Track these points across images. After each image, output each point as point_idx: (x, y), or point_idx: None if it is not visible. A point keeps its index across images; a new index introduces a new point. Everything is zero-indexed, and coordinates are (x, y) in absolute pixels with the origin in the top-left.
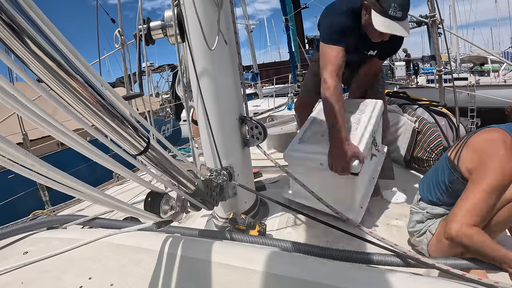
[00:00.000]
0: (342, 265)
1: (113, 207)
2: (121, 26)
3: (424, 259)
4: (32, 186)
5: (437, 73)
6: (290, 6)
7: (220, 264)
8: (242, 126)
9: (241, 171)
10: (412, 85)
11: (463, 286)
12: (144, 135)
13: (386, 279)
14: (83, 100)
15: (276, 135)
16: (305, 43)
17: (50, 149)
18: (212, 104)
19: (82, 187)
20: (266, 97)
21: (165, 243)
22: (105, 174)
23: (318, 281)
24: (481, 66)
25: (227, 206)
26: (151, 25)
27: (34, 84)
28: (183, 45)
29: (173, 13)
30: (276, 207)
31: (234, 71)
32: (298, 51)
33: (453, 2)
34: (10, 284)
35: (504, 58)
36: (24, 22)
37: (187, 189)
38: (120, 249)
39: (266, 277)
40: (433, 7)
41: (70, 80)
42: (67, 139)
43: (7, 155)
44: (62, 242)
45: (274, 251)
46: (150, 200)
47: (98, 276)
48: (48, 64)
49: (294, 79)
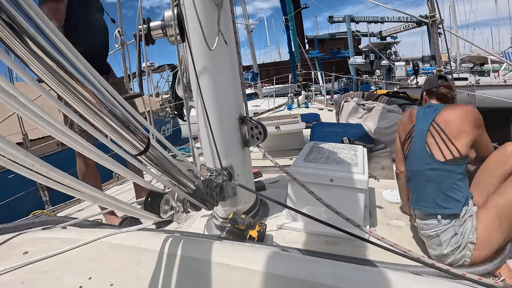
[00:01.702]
0: (342, 265)
1: (113, 207)
2: (121, 26)
3: (424, 259)
4: (32, 186)
5: (437, 73)
6: (290, 6)
7: (220, 264)
8: (242, 126)
9: (241, 171)
10: (412, 85)
11: (463, 286)
12: (144, 135)
13: (386, 279)
14: (83, 100)
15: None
16: (305, 43)
17: (50, 149)
18: (212, 104)
19: (82, 187)
20: (266, 97)
21: (165, 243)
22: (105, 174)
23: (318, 281)
24: (481, 66)
25: (227, 206)
26: (151, 25)
27: (34, 84)
28: (183, 45)
29: (173, 13)
30: (276, 207)
31: (234, 71)
32: (298, 51)
33: (453, 2)
34: (10, 284)
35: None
36: (24, 22)
37: (187, 189)
38: (120, 249)
39: (266, 277)
40: (433, 7)
41: (70, 80)
42: (67, 139)
43: (7, 155)
44: (62, 242)
45: (274, 251)
46: (150, 200)
47: (98, 276)
48: (48, 64)
49: (294, 79)
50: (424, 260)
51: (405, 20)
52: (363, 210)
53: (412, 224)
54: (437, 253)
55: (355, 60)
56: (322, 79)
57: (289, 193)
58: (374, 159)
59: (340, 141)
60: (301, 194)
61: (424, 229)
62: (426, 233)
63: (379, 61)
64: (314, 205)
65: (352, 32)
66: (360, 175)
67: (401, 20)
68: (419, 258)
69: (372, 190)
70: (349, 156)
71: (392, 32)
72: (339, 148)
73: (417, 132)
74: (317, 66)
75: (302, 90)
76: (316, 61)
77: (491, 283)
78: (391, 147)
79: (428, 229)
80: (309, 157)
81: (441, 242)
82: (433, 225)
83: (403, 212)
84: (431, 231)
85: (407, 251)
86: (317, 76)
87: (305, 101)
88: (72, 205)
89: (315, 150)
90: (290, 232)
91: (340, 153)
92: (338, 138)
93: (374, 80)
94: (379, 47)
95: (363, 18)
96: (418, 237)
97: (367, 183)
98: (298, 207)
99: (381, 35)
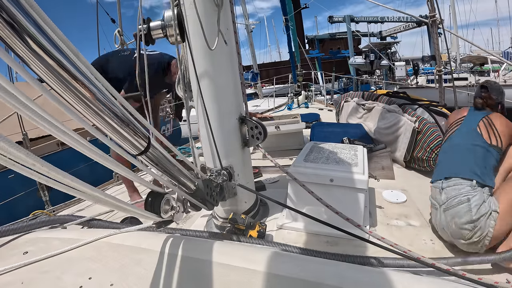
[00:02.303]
0: (343, 265)
1: (113, 207)
2: (121, 26)
3: (424, 259)
4: (32, 186)
5: (437, 73)
6: (290, 6)
7: (220, 264)
8: (242, 126)
9: (241, 171)
10: (412, 85)
11: (463, 286)
12: (145, 135)
13: (387, 278)
14: (84, 100)
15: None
16: (305, 43)
17: (50, 149)
18: (212, 104)
19: (82, 187)
20: (266, 97)
21: (165, 243)
22: (105, 174)
23: (318, 282)
24: (481, 66)
25: (227, 206)
26: (151, 25)
27: (34, 83)
28: (183, 45)
29: (173, 13)
30: (276, 207)
31: (234, 71)
32: (298, 51)
33: (453, 2)
34: (10, 284)
35: (504, 58)
36: (25, 21)
37: (187, 189)
38: (120, 249)
39: (267, 277)
40: (433, 7)
41: (70, 79)
42: (68, 139)
43: (8, 154)
44: (62, 242)
45: (274, 251)
46: (150, 200)
47: (98, 276)
48: (49, 63)
49: (294, 79)
50: (424, 260)
51: (405, 20)
52: (363, 210)
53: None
54: (465, 219)
55: (355, 60)
56: (322, 79)
57: (289, 193)
58: (374, 159)
59: (340, 141)
60: (301, 194)
61: (453, 195)
62: (457, 198)
63: (379, 61)
64: (314, 205)
65: (352, 32)
66: (360, 175)
67: (401, 20)
68: (419, 258)
69: (372, 190)
70: (349, 156)
71: (392, 32)
72: (339, 148)
73: (468, 119)
74: (317, 66)
75: (302, 90)
76: (316, 61)
77: (491, 283)
78: (391, 147)
79: (459, 194)
80: (309, 157)
81: (471, 207)
82: (466, 190)
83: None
84: (463, 196)
85: (407, 251)
86: (317, 76)
87: (305, 101)
88: (72, 205)
89: (315, 150)
90: (290, 232)
91: (340, 153)
92: (338, 138)
93: (374, 80)
94: (379, 47)
95: (363, 18)
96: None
97: (367, 183)
98: (298, 207)
99: (381, 35)
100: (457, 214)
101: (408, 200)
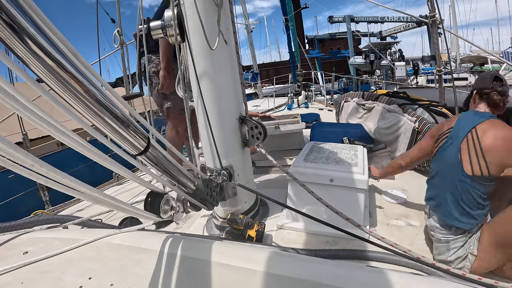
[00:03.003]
0: (342, 265)
1: (113, 207)
2: (120, 26)
3: (424, 259)
4: (32, 186)
5: (437, 73)
6: (290, 6)
7: (220, 264)
8: (242, 126)
9: (241, 171)
10: (412, 85)
11: (463, 286)
12: (144, 135)
13: (386, 279)
14: (83, 100)
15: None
16: (305, 43)
17: (50, 149)
18: (212, 104)
19: (82, 187)
20: (266, 97)
21: (165, 243)
22: (105, 174)
23: (318, 281)
24: (481, 66)
25: (227, 206)
26: (151, 25)
27: (33, 84)
28: (183, 45)
29: (173, 13)
30: (276, 207)
31: (234, 71)
32: (298, 51)
33: (453, 2)
34: (10, 284)
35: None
36: (24, 22)
37: (187, 189)
38: (120, 249)
39: (266, 277)
40: (433, 7)
41: (70, 80)
42: (67, 139)
43: (7, 155)
44: (62, 242)
45: (274, 251)
46: (150, 200)
47: (98, 276)
48: (48, 64)
49: (294, 79)
50: (424, 260)
51: (405, 20)
52: (363, 210)
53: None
54: (442, 257)
55: (355, 60)
56: (322, 79)
57: (289, 193)
58: (374, 159)
59: (340, 141)
60: (301, 194)
61: (436, 232)
62: (437, 236)
63: (379, 61)
64: (314, 205)
65: (352, 32)
66: (360, 175)
67: (401, 20)
68: (419, 258)
69: (372, 190)
70: (349, 156)
71: (392, 32)
72: (339, 148)
73: (453, 133)
74: (317, 66)
75: (302, 90)
76: (316, 61)
77: (491, 283)
78: (391, 147)
79: (439, 233)
80: (309, 157)
81: (450, 248)
82: (445, 232)
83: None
84: (442, 236)
85: (407, 251)
86: (317, 76)
87: (305, 101)
88: (72, 205)
89: (315, 150)
90: (290, 232)
91: (340, 153)
92: (338, 138)
93: (374, 80)
94: (379, 47)
95: (363, 18)
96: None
97: (367, 183)
98: (298, 207)
99: (381, 35)
100: (437, 248)
101: (408, 200)
